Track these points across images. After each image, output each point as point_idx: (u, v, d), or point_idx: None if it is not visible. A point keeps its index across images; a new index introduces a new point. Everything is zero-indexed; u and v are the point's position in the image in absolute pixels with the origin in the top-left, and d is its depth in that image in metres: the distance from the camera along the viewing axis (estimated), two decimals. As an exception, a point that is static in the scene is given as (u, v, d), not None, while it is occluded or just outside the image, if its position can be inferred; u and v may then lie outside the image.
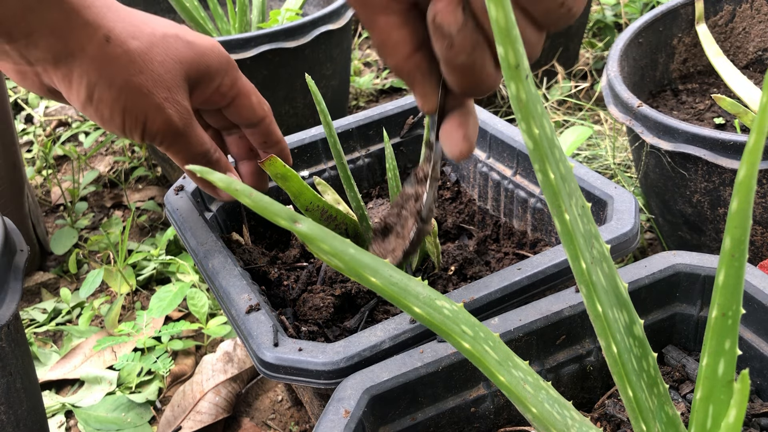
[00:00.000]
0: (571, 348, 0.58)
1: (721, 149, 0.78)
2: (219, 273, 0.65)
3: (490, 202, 0.84)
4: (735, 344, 0.36)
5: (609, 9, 1.74)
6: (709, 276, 0.58)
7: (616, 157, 1.25)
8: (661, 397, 0.42)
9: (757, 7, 1.09)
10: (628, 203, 0.67)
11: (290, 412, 0.91)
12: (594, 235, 0.38)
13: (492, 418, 0.56)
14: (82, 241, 1.28)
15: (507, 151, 0.80)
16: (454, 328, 0.38)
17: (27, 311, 1.11)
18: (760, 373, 0.55)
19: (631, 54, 1.01)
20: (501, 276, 0.61)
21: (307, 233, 0.33)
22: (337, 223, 0.71)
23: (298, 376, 0.55)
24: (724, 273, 0.35)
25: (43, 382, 0.98)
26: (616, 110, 0.90)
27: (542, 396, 0.40)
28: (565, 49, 1.53)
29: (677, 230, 0.93)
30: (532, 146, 0.34)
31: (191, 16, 1.24)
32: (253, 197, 0.32)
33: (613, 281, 0.39)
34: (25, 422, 0.67)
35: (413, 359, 0.53)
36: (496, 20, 0.30)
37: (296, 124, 1.21)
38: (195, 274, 1.08)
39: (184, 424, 0.88)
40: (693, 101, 1.06)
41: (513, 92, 0.32)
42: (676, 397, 0.57)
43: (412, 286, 0.38)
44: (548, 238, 0.77)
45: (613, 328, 0.39)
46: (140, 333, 0.99)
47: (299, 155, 0.86)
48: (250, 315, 0.60)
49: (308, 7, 1.40)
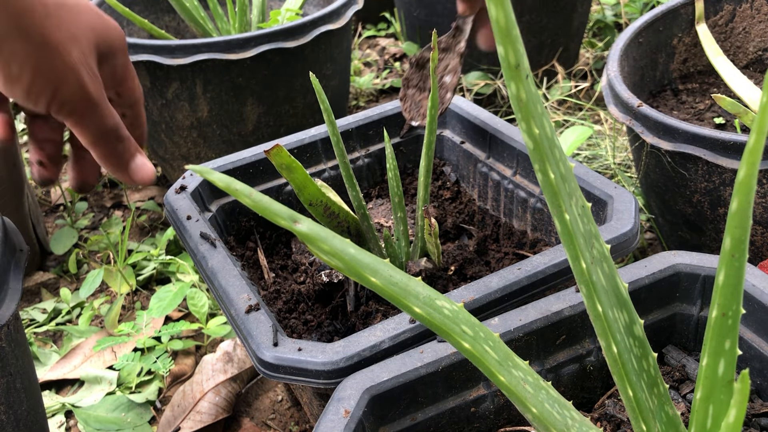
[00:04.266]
0: (571, 348, 0.58)
1: (721, 149, 0.78)
2: (218, 273, 0.65)
3: (490, 202, 0.84)
4: (735, 344, 0.36)
5: (609, 9, 1.74)
6: (709, 276, 0.58)
7: (616, 157, 1.25)
8: (661, 397, 0.42)
9: (757, 7, 1.09)
10: (628, 203, 0.67)
11: (290, 412, 0.91)
12: (594, 235, 0.38)
13: (492, 418, 0.56)
14: (82, 241, 1.28)
15: (507, 151, 0.80)
16: (454, 328, 0.38)
17: (27, 311, 1.11)
18: (760, 373, 0.55)
19: (631, 54, 1.01)
20: (501, 276, 0.61)
21: (307, 233, 0.33)
22: (339, 221, 0.71)
23: (297, 376, 0.55)
24: (724, 273, 0.35)
25: (43, 382, 0.98)
26: (616, 110, 0.90)
27: (542, 396, 0.40)
28: (565, 49, 1.53)
29: (677, 230, 0.93)
30: (532, 146, 0.34)
31: (191, 16, 1.24)
32: (252, 197, 0.32)
33: (613, 281, 0.39)
34: (25, 422, 0.67)
35: (413, 359, 0.53)
36: (496, 20, 0.30)
37: (296, 123, 1.21)
38: (195, 274, 1.08)
39: (184, 424, 0.88)
40: (693, 101, 1.06)
41: (513, 92, 0.32)
42: (676, 397, 0.57)
43: (412, 286, 0.38)
44: (548, 238, 0.77)
45: (613, 328, 0.39)
46: (140, 333, 0.99)
47: (299, 155, 0.86)
48: (250, 315, 0.60)
49: (308, 7, 1.40)
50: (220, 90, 1.13)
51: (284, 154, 0.63)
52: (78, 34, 0.54)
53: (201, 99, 1.14)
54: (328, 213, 0.70)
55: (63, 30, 0.53)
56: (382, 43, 1.91)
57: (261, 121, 1.18)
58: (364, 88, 1.66)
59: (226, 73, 1.11)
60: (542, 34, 1.47)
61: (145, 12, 1.41)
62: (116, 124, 0.58)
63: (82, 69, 0.54)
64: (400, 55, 1.82)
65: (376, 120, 0.88)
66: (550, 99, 1.44)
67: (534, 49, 1.49)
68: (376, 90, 1.68)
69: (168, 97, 1.15)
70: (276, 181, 0.85)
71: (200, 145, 1.21)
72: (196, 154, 1.23)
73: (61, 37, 0.52)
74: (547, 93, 1.47)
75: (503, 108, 1.49)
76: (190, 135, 1.20)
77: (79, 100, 0.54)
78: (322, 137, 0.86)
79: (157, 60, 1.08)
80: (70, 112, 0.55)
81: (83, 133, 0.57)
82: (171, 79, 1.12)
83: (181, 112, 1.17)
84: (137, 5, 1.39)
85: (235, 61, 1.09)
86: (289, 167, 0.64)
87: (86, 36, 0.55)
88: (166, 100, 1.16)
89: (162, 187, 1.41)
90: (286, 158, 0.63)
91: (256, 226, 0.84)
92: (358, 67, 1.78)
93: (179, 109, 1.16)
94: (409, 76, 0.82)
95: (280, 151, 0.62)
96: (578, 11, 1.50)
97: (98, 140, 0.57)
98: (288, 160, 0.64)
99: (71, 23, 0.54)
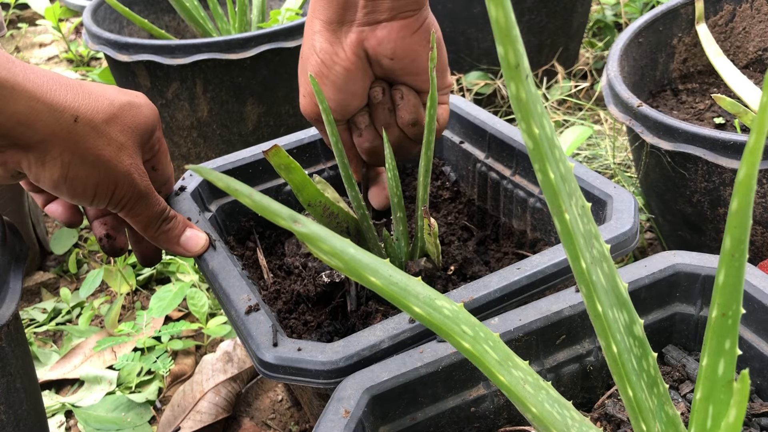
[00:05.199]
0: (571, 348, 0.58)
1: (721, 149, 0.78)
2: (219, 273, 0.65)
3: (490, 201, 0.84)
4: (735, 344, 0.36)
5: (609, 9, 1.74)
6: (709, 276, 0.58)
7: (616, 157, 1.25)
8: (661, 397, 0.41)
9: (757, 7, 1.09)
10: (627, 203, 0.66)
11: (290, 412, 0.91)
12: (594, 234, 0.38)
13: (492, 418, 0.56)
14: (82, 240, 1.28)
15: (506, 150, 0.80)
16: (454, 327, 0.38)
17: (27, 311, 1.11)
18: (760, 373, 0.55)
19: (631, 54, 1.01)
20: (500, 276, 0.60)
21: (307, 233, 0.33)
22: (339, 221, 0.71)
23: (297, 375, 0.55)
24: (724, 273, 0.35)
25: (43, 382, 0.98)
26: (616, 110, 0.90)
27: (542, 396, 0.40)
28: (565, 48, 1.53)
29: (677, 230, 0.93)
30: (532, 146, 0.34)
31: (191, 16, 1.24)
32: (252, 197, 0.32)
33: (613, 281, 0.39)
34: (25, 422, 0.67)
35: (413, 359, 0.53)
36: (496, 20, 0.30)
37: (296, 123, 1.21)
38: (195, 274, 1.08)
39: (183, 424, 0.88)
40: (693, 101, 1.06)
41: (513, 92, 0.32)
42: (676, 397, 0.57)
43: (412, 285, 0.38)
44: (548, 238, 0.77)
45: (613, 328, 0.39)
46: (140, 333, 0.99)
47: (298, 155, 0.85)
48: (250, 315, 0.60)
49: (308, 6, 1.40)
50: (220, 90, 1.13)
51: (282, 155, 0.63)
52: (124, 141, 0.62)
53: (201, 99, 1.14)
54: (328, 213, 0.70)
55: (112, 144, 0.60)
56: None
57: (261, 121, 1.18)
58: (364, 88, 1.66)
59: (226, 73, 1.11)
60: (542, 34, 1.47)
61: (145, 12, 1.41)
62: (163, 208, 0.66)
63: (132, 171, 0.62)
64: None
65: (376, 120, 0.88)
66: (550, 99, 1.44)
67: (534, 49, 1.49)
68: (376, 90, 1.68)
69: (168, 97, 1.15)
70: (276, 181, 0.85)
71: (200, 145, 1.21)
72: (196, 154, 1.23)
73: (111, 151, 0.60)
74: (547, 93, 1.47)
75: (503, 108, 1.49)
76: (190, 135, 1.20)
77: (132, 196, 0.63)
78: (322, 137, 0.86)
79: (157, 60, 1.08)
80: (124, 206, 0.63)
81: (135, 221, 0.65)
82: (171, 79, 1.12)
83: (181, 112, 1.17)
84: (137, 5, 1.39)
85: (235, 61, 1.09)
86: (288, 168, 0.64)
87: (131, 138, 0.63)
88: (166, 100, 1.16)
89: (162, 187, 1.41)
90: (284, 159, 0.63)
91: (256, 226, 0.84)
92: (358, 67, 1.78)
93: (179, 109, 1.16)
94: None
95: (279, 151, 0.62)
96: (578, 11, 1.50)
97: (149, 225, 0.66)
98: (287, 161, 0.63)
99: (118, 133, 0.61)
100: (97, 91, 0.62)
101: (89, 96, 0.60)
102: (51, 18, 1.90)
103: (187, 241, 0.68)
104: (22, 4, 2.36)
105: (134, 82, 1.17)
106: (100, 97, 0.61)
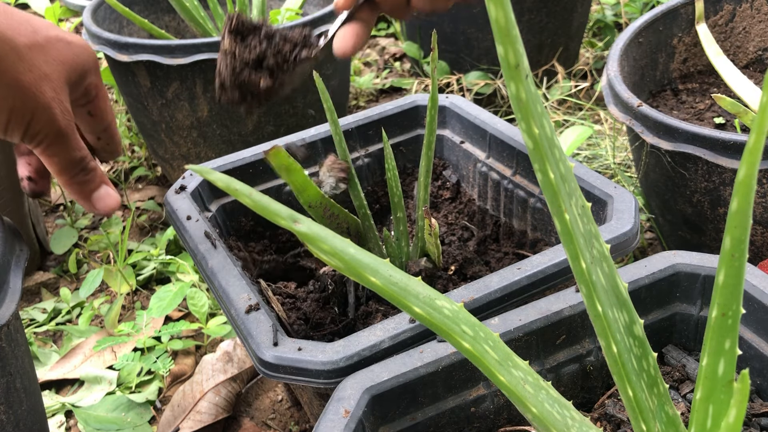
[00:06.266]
0: (571, 348, 0.58)
1: (721, 149, 0.78)
2: (218, 273, 0.65)
3: (490, 201, 0.84)
4: (735, 344, 0.36)
5: (609, 9, 1.74)
6: (709, 276, 0.58)
7: (616, 157, 1.25)
8: (661, 397, 0.41)
9: (757, 7, 1.09)
10: (627, 203, 0.66)
11: (290, 412, 0.91)
12: (594, 234, 0.38)
13: (492, 418, 0.56)
14: (82, 240, 1.28)
15: (507, 150, 0.80)
16: (454, 327, 0.38)
17: (27, 311, 1.11)
18: (760, 373, 0.55)
19: (631, 54, 1.01)
20: (501, 276, 0.60)
21: (307, 233, 0.33)
22: (340, 221, 0.71)
23: (297, 375, 0.55)
24: (724, 273, 0.35)
25: (43, 382, 0.98)
26: (616, 110, 0.90)
27: (542, 396, 0.40)
28: (565, 48, 1.53)
29: (677, 230, 0.93)
30: (532, 146, 0.34)
31: (191, 16, 1.24)
32: (252, 197, 0.32)
33: (613, 281, 0.39)
34: (24, 422, 0.67)
35: (413, 359, 0.53)
36: (496, 20, 0.30)
37: (296, 123, 1.21)
38: (195, 273, 1.08)
39: (184, 424, 0.88)
40: (693, 101, 1.06)
41: (513, 92, 0.32)
42: (676, 397, 0.57)
43: (412, 285, 0.38)
44: (548, 238, 0.77)
45: (613, 328, 0.39)
46: (140, 333, 0.99)
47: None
48: (250, 315, 0.60)
49: (308, 6, 1.40)
50: (220, 90, 1.13)
51: (282, 156, 0.62)
52: (49, 72, 0.58)
53: (201, 99, 1.14)
54: (328, 214, 0.70)
55: (34, 71, 0.56)
56: (382, 43, 1.91)
57: (261, 121, 1.18)
58: (364, 88, 1.67)
59: (226, 72, 1.11)
60: (542, 34, 1.47)
61: (145, 12, 1.41)
62: (83, 155, 0.61)
63: (54, 105, 0.58)
64: (400, 54, 1.82)
65: (376, 120, 0.88)
66: (550, 99, 1.44)
67: (534, 49, 1.49)
68: (376, 90, 1.68)
69: (168, 96, 1.15)
70: (276, 181, 0.85)
71: (200, 145, 1.21)
72: (196, 153, 1.23)
73: (32, 78, 0.56)
74: (547, 93, 1.47)
75: (503, 108, 1.49)
76: (190, 135, 1.20)
77: (49, 132, 0.58)
78: (323, 137, 0.86)
79: (157, 60, 1.08)
80: (39, 143, 0.58)
81: (51, 162, 0.60)
82: (171, 78, 1.12)
83: (181, 112, 1.17)
84: (137, 5, 1.39)
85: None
86: (288, 169, 0.64)
87: (57, 71, 0.59)
88: (166, 100, 1.16)
89: (162, 187, 1.41)
90: (284, 159, 0.63)
91: (256, 226, 0.84)
92: (358, 66, 1.78)
93: (179, 108, 1.16)
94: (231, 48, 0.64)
95: (279, 152, 0.62)
96: (578, 11, 1.50)
97: (64, 170, 0.61)
98: (287, 162, 0.63)
99: (42, 62, 0.57)
100: (22, 16, 0.58)
101: (11, 17, 0.57)
102: (51, 18, 1.90)
103: (98, 200, 0.64)
104: (22, 4, 2.36)
105: (134, 82, 1.17)
106: (25, 22, 0.58)
